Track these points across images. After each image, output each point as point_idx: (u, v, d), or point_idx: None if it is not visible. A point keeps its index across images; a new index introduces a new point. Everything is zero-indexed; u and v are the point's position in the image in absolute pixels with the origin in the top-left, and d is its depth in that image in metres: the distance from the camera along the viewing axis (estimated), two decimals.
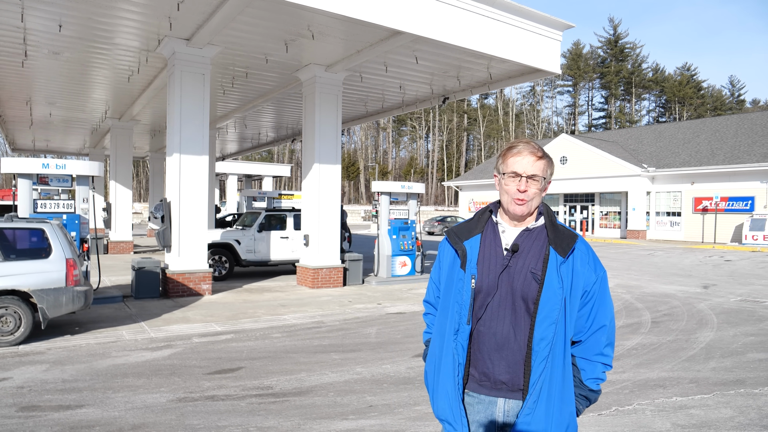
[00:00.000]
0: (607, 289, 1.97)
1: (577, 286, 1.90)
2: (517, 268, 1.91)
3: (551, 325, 1.85)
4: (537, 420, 1.84)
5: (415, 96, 15.08)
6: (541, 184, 1.94)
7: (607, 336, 1.95)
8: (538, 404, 1.84)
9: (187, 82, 10.55)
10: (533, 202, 1.94)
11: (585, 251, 1.94)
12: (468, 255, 1.96)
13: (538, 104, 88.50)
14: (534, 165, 1.93)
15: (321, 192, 12.19)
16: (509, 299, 1.90)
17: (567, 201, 37.05)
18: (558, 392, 1.87)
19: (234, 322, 8.29)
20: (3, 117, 18.62)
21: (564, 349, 1.88)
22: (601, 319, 1.94)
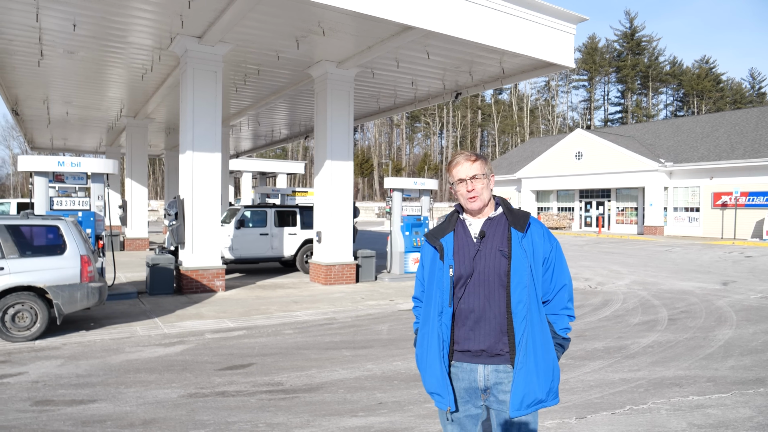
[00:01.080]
0: (562, 256, 2.37)
1: (538, 255, 2.27)
2: (487, 250, 2.29)
3: (524, 288, 2.21)
4: (529, 370, 2.17)
5: (428, 92, 15.00)
6: (484, 180, 2.35)
7: (568, 292, 2.35)
8: (528, 358, 2.17)
9: (199, 80, 10.60)
10: (484, 196, 2.35)
11: (539, 227, 2.34)
12: (445, 249, 2.32)
13: (553, 99, 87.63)
14: (471, 167, 2.36)
15: (333, 188, 12.18)
16: (484, 277, 2.26)
17: (583, 197, 36.67)
18: (541, 344, 2.21)
19: (246, 319, 8.32)
20: (21, 116, 18.90)
21: (538, 308, 2.24)
22: (562, 280, 2.34)
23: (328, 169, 12.15)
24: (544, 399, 2.21)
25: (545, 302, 2.33)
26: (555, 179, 36.91)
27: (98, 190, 9.96)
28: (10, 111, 17.43)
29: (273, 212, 14.03)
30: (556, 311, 2.34)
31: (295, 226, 14.14)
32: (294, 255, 14.08)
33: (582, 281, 13.09)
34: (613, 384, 5.24)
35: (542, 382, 2.19)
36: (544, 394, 2.21)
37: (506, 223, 2.33)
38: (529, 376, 2.18)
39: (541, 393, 2.20)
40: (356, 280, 12.54)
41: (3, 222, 6.86)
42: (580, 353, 6.38)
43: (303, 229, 14.17)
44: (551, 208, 38.48)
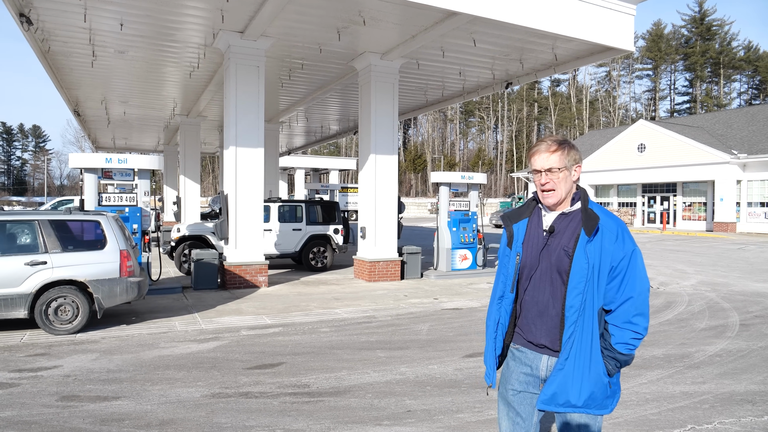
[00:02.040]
0: (637, 265, 2.16)
1: (605, 262, 2.13)
2: (554, 246, 2.22)
3: (578, 295, 2.14)
4: (567, 373, 2.15)
5: (477, 82, 14.45)
6: (563, 173, 2.22)
7: (635, 307, 2.14)
8: (569, 361, 2.15)
9: (242, 75, 10.57)
10: (560, 190, 2.23)
11: (613, 232, 2.16)
12: (515, 236, 2.33)
13: (614, 90, 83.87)
14: (549, 159, 2.22)
15: (378, 183, 11.90)
16: (548, 273, 2.23)
17: (646, 191, 34.78)
18: (586, 352, 2.15)
19: (285, 315, 8.18)
20: (83, 117, 19.76)
21: (591, 315, 2.15)
22: (629, 292, 2.14)
23: (372, 164, 11.89)
24: (580, 405, 2.17)
25: (609, 311, 2.20)
26: (615, 173, 35.18)
27: (144, 186, 10.11)
28: (72, 112, 18.24)
29: (276, 207, 13.48)
30: (618, 323, 2.18)
31: (301, 221, 13.62)
32: (298, 251, 13.45)
33: None
34: (672, 398, 4.67)
35: (579, 389, 2.15)
36: (580, 402, 2.17)
37: (580, 222, 2.21)
38: (565, 378, 2.17)
39: (576, 399, 2.17)
40: (401, 277, 12.23)
41: (46, 217, 6.99)
42: (636, 361, 5.80)
43: (309, 225, 13.62)
44: (611, 203, 36.73)
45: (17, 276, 6.67)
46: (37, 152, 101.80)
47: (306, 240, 13.49)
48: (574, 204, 2.25)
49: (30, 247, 6.87)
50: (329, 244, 13.59)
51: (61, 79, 14.24)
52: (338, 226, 13.82)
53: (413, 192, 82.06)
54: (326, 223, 13.75)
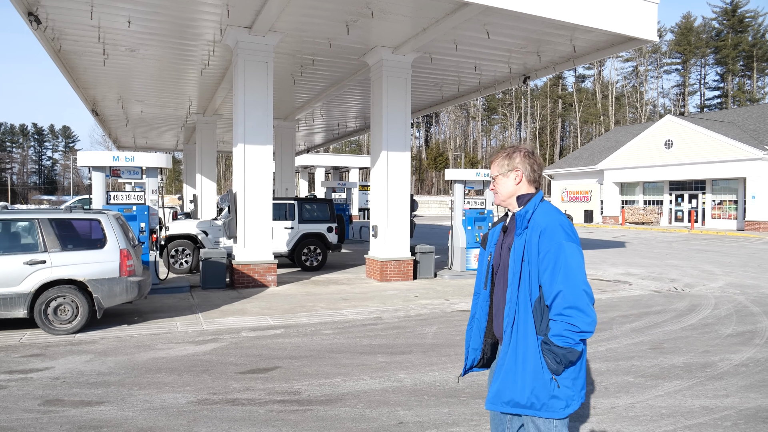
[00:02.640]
0: (566, 259, 2.16)
1: (532, 255, 2.21)
2: (505, 244, 2.40)
3: (515, 288, 2.25)
4: (508, 368, 2.22)
5: (493, 77, 14.06)
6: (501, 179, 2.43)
7: (566, 299, 2.13)
8: (508, 354, 2.22)
9: (250, 71, 10.41)
10: (500, 192, 2.45)
11: (542, 225, 2.23)
12: (489, 238, 2.51)
13: (641, 85, 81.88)
14: (492, 167, 2.48)
15: (390, 181, 11.63)
16: (502, 270, 2.37)
17: (673, 189, 33.75)
18: (523, 345, 2.20)
19: (289, 316, 7.98)
20: (102, 116, 19.95)
21: (527, 309, 2.22)
22: (559, 285, 2.15)
23: (384, 161, 11.62)
24: (525, 405, 2.18)
25: (548, 306, 2.22)
26: (641, 170, 34.23)
27: (152, 184, 10.03)
28: (90, 111, 18.40)
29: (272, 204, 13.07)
30: (553, 316, 2.19)
31: (293, 219, 13.22)
32: (291, 250, 13.02)
33: (666, 282, 11.70)
34: (691, 413, 4.30)
35: (518, 386, 2.18)
36: (523, 399, 2.17)
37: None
38: (506, 374, 2.22)
39: (520, 397, 2.18)
40: (414, 277, 11.94)
41: (46, 216, 6.91)
42: (653, 370, 5.42)
43: (301, 223, 13.21)
44: (637, 201, 35.77)
45: (16, 275, 6.59)
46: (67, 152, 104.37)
47: (298, 239, 13.12)
48: (521, 205, 2.40)
49: (29, 246, 6.79)
50: (323, 242, 13.28)
51: (76, 78, 14.33)
52: (332, 224, 13.48)
53: (435, 190, 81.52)
54: (320, 222, 13.42)
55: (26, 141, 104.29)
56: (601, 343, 6.49)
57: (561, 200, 41.92)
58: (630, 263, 15.27)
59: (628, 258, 16.62)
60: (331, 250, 13.35)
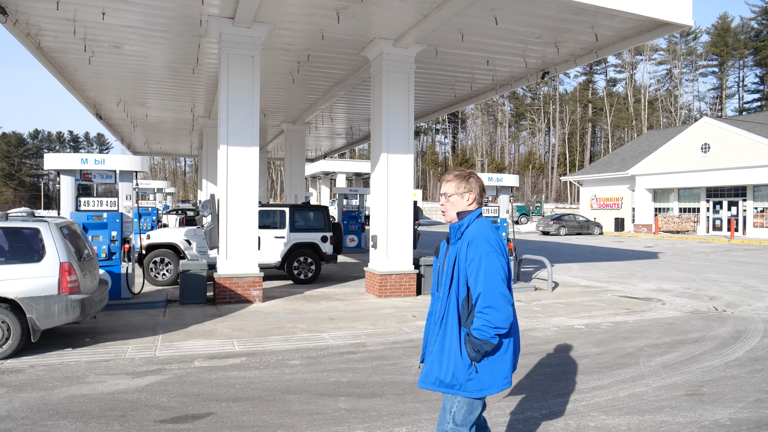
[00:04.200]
0: (487, 266, 2.56)
1: (461, 260, 2.64)
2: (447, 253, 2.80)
3: (443, 285, 2.71)
4: (435, 353, 2.67)
5: (509, 73, 12.87)
6: (454, 198, 2.79)
7: (485, 299, 2.55)
8: (437, 343, 2.67)
9: (234, 66, 9.51)
10: (450, 212, 2.81)
11: (470, 237, 2.64)
12: (441, 249, 2.88)
13: (675, 89, 78.85)
14: (444, 186, 2.83)
15: (390, 186, 10.56)
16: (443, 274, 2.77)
17: (710, 195, 31.70)
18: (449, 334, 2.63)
19: (260, 340, 6.96)
20: (108, 120, 19.45)
21: (455, 305, 2.66)
22: (480, 287, 2.56)
23: (384, 165, 10.56)
24: (450, 384, 2.60)
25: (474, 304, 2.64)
26: (676, 176, 32.30)
27: (126, 189, 9.19)
28: (94, 115, 17.88)
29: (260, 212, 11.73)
30: (476, 312, 2.59)
31: (283, 228, 12.17)
32: (281, 261, 12.02)
33: (705, 301, 10.27)
34: None
35: (445, 366, 2.61)
36: (447, 378, 2.61)
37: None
38: (433, 358, 2.67)
39: (444, 375, 2.61)
40: (417, 292, 10.81)
41: None
42: (691, 429, 4.18)
43: (293, 232, 12.16)
44: (671, 209, 33.79)
45: None
46: None
47: (290, 249, 12.06)
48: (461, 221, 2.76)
49: None
50: (317, 253, 12.21)
51: (69, 79, 13.72)
52: (327, 233, 12.38)
53: None
54: (314, 230, 12.36)
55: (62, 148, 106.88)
56: (624, 385, 5.26)
57: (590, 207, 40.05)
58: (663, 277, 13.80)
59: (660, 271, 15.12)
60: (326, 262, 12.30)
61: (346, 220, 20.79)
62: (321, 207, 12.65)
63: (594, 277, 13.65)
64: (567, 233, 33.02)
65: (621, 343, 7.00)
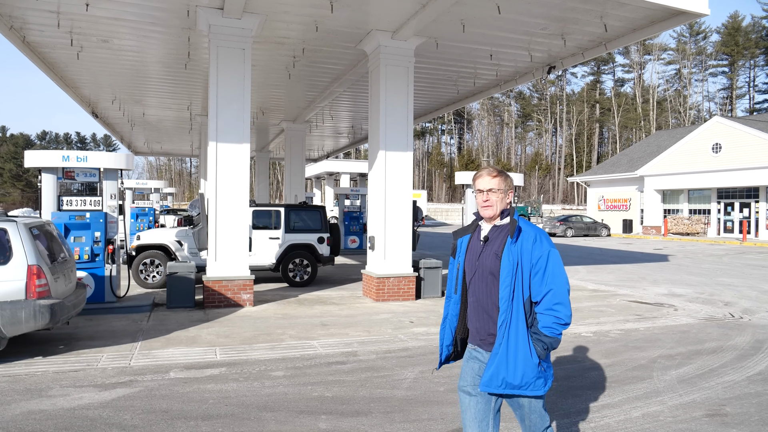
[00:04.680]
0: (554, 263, 2.62)
1: (526, 260, 2.62)
2: (487, 252, 2.73)
3: (507, 287, 2.60)
4: (501, 355, 2.58)
5: (514, 68, 12.38)
6: (500, 194, 2.74)
7: (555, 296, 2.60)
8: (502, 345, 2.59)
9: (224, 59, 9.09)
10: (495, 207, 2.74)
11: (531, 236, 2.65)
12: (458, 247, 2.86)
13: (685, 89, 77.91)
14: (490, 182, 2.74)
15: (388, 185, 10.10)
16: (483, 274, 2.70)
17: (722, 197, 31.01)
18: (516, 336, 2.58)
19: (244, 349, 6.51)
20: (105, 119, 19.11)
21: (518, 304, 2.60)
22: (549, 285, 2.60)
23: (381, 163, 10.10)
24: (518, 385, 2.57)
25: (536, 302, 2.64)
26: (686, 177, 31.63)
27: (111, 187, 8.78)
28: (90, 113, 17.55)
29: (249, 212, 11.08)
30: (542, 310, 2.61)
31: (278, 228, 11.71)
32: (276, 263, 11.55)
33: (720, 306, 9.74)
34: None
35: (514, 369, 2.56)
36: (516, 380, 2.56)
37: (507, 231, 2.69)
38: (500, 360, 2.57)
39: (513, 378, 2.56)
40: (417, 296, 10.34)
41: None
42: None
43: (289, 233, 11.70)
44: (681, 210, 33.11)
45: None
46: None
47: (285, 250, 11.59)
48: (504, 219, 2.76)
49: None
50: (313, 255, 11.74)
51: (61, 76, 13.37)
52: (324, 234, 11.90)
53: None
54: (310, 231, 11.90)
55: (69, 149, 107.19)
56: (637, 403, 4.76)
57: (597, 209, 39.40)
58: (674, 281, 13.25)
59: (671, 274, 14.56)
60: (323, 264, 11.83)
61: (348, 220, 20.32)
62: (318, 207, 12.20)
63: (602, 281, 13.12)
64: (574, 235, 32.43)
65: (632, 353, 6.50)
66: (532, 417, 2.69)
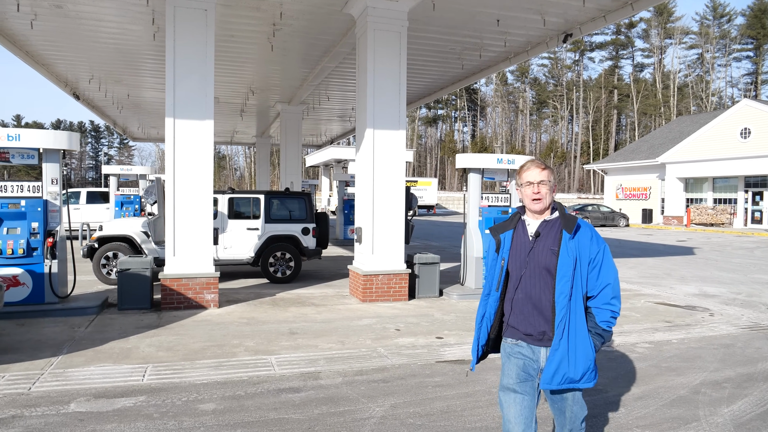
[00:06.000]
0: (609, 257, 2.64)
1: (584, 255, 2.61)
2: (539, 247, 2.65)
3: (567, 282, 2.57)
4: (563, 352, 2.55)
5: (525, 36, 10.92)
6: (549, 186, 2.68)
7: (613, 290, 2.62)
8: (562, 341, 2.55)
9: (182, 22, 7.83)
10: (546, 200, 2.68)
11: (588, 231, 2.65)
12: (502, 243, 2.75)
13: (707, 74, 75.07)
14: (540, 174, 2.69)
15: (376, 169, 8.79)
16: (537, 270, 2.63)
17: (749, 185, 29.18)
18: (574, 331, 2.57)
19: (182, 367, 5.29)
20: (87, 100, 17.98)
21: (577, 299, 2.59)
22: (606, 279, 2.62)
23: (369, 143, 8.79)
24: (578, 379, 2.56)
25: (591, 297, 2.64)
26: (711, 164, 29.81)
27: (53, 171, 7.58)
28: (70, 94, 16.42)
29: (224, 200, 10.34)
30: (600, 305, 2.63)
31: (257, 218, 10.47)
32: (255, 257, 10.34)
33: (763, 311, 8.32)
34: None
35: (575, 364, 2.55)
36: (578, 375, 2.55)
37: (559, 226, 2.65)
38: (562, 356, 2.54)
39: (574, 373, 2.55)
40: (410, 296, 9.07)
41: None
42: None
43: (269, 223, 10.44)
44: (705, 199, 31.30)
45: None
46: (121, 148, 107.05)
47: (264, 243, 10.34)
48: (553, 213, 2.72)
49: None
50: (297, 247, 10.48)
51: (27, 52, 12.20)
52: (309, 224, 10.62)
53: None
54: (293, 221, 10.64)
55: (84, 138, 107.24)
56: None
57: (615, 197, 37.65)
58: (704, 278, 11.80)
59: (699, 270, 13.09)
60: (308, 257, 10.56)
61: (348, 209, 19.04)
62: (303, 194, 10.91)
63: (623, 277, 11.71)
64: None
65: (667, 377, 5.15)
66: (575, 408, 2.69)
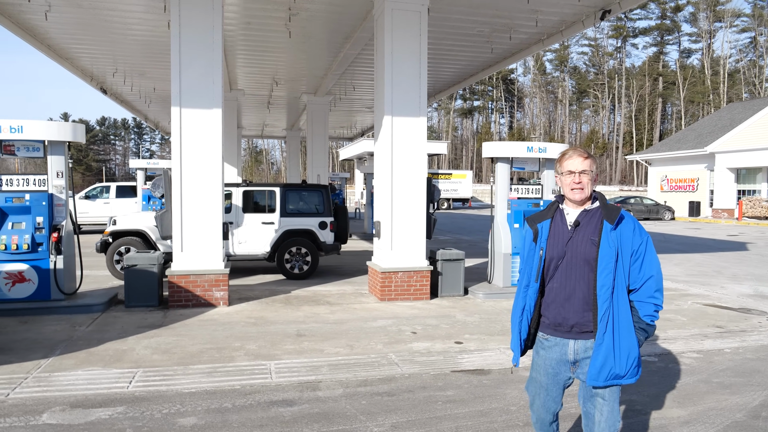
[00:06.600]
0: (652, 249, 2.56)
1: (626, 247, 2.50)
2: (579, 238, 2.56)
3: (609, 274, 2.46)
4: (608, 347, 2.44)
5: (558, 14, 10.11)
6: (590, 176, 2.58)
7: (657, 283, 2.53)
8: (607, 335, 2.44)
9: (186, 3, 7.43)
10: (587, 190, 2.58)
11: (630, 222, 2.55)
12: (540, 232, 2.65)
13: (761, 59, 70.94)
14: (582, 163, 2.59)
15: (395, 160, 8.24)
16: (574, 261, 2.54)
17: None
18: (622, 326, 2.46)
19: (174, 372, 4.90)
20: (116, 94, 18.04)
21: (621, 293, 2.48)
22: (650, 272, 2.53)
23: (387, 131, 8.24)
24: (623, 375, 2.46)
25: (633, 290, 2.54)
26: (765, 153, 27.90)
27: (58, 164, 7.34)
28: (98, 89, 16.47)
29: (239, 194, 10.07)
30: (643, 299, 2.53)
31: (273, 212, 10.10)
32: (271, 252, 9.99)
33: None
34: None
35: (620, 359, 2.44)
36: (622, 370, 2.45)
37: (600, 216, 2.54)
38: (607, 351, 2.43)
39: (619, 369, 2.45)
40: (433, 294, 8.50)
41: None
42: None
43: (285, 217, 10.07)
44: (759, 191, 29.38)
45: None
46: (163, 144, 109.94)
47: (280, 237, 9.95)
48: (594, 203, 2.61)
49: None
50: (314, 242, 10.04)
51: (50, 45, 12.16)
52: (327, 218, 10.17)
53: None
54: (310, 215, 10.21)
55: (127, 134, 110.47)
56: None
57: (660, 189, 35.86)
58: (759, 276, 10.77)
59: (754, 267, 12.01)
60: (326, 253, 10.10)
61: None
62: (321, 186, 10.47)
63: (668, 275, 10.80)
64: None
65: (719, 396, 4.44)
66: (614, 405, 2.55)
